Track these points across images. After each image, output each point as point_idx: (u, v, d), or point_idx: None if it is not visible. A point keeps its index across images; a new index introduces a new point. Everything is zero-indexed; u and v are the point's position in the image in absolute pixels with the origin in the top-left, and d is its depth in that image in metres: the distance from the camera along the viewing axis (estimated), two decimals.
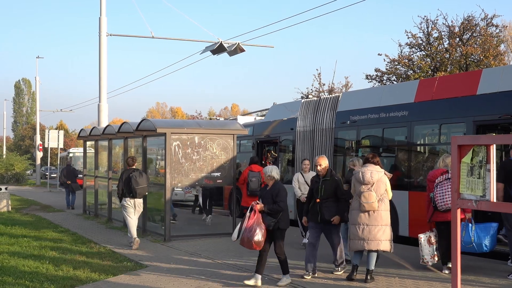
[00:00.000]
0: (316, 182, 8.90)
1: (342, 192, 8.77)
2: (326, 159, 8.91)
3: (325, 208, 8.67)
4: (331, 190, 8.73)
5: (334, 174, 8.93)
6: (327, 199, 8.71)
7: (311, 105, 15.58)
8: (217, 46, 18.80)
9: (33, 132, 68.66)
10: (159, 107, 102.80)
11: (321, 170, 8.85)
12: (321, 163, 8.81)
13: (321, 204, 8.70)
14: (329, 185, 8.76)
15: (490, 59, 26.09)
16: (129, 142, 15.92)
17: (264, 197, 8.37)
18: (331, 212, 8.68)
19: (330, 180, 8.77)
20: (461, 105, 11.29)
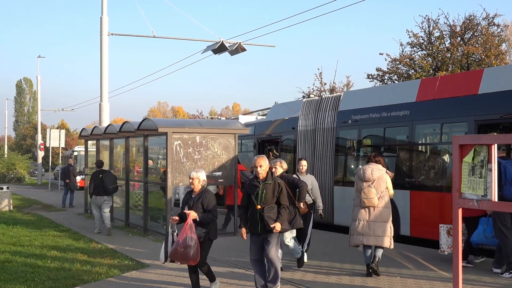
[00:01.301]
0: (255, 186, 7.59)
1: (285, 198, 7.63)
2: (267, 159, 7.67)
3: (268, 215, 7.46)
4: (274, 195, 7.55)
5: (276, 177, 7.77)
6: (269, 205, 7.51)
7: (312, 105, 15.58)
8: (218, 45, 18.80)
9: (34, 132, 68.72)
10: (160, 107, 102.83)
11: (262, 172, 7.57)
12: (261, 164, 7.57)
13: (263, 211, 7.46)
14: (271, 189, 7.54)
15: (491, 59, 26.08)
16: (130, 141, 15.93)
17: (192, 205, 7.46)
18: (273, 220, 7.50)
19: (272, 184, 7.57)
20: (463, 104, 11.29)
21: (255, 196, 7.53)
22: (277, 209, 7.55)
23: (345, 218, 13.94)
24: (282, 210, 7.56)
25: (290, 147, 16.61)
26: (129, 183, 15.73)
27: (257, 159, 7.66)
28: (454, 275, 4.46)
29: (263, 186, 7.53)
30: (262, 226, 7.46)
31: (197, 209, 7.36)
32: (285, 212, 7.62)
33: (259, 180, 7.60)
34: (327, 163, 14.60)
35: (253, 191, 7.60)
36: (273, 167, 8.72)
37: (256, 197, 7.53)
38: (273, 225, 7.39)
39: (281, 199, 7.58)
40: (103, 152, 18.56)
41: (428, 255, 10.45)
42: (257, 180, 7.63)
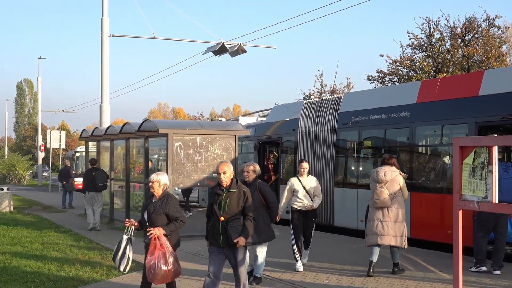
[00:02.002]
0: (217, 195, 6.81)
1: (251, 208, 6.85)
2: (231, 165, 6.94)
3: (232, 228, 6.69)
4: (238, 205, 6.77)
5: (241, 185, 6.94)
6: (234, 216, 6.74)
7: (313, 106, 15.58)
8: (219, 46, 18.80)
9: (35, 133, 68.72)
10: (161, 108, 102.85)
11: (225, 179, 6.76)
12: (224, 170, 6.76)
13: (226, 223, 6.69)
14: (235, 198, 6.75)
15: (492, 60, 26.07)
16: (131, 142, 15.93)
17: (152, 211, 6.83)
18: (238, 233, 6.72)
19: (236, 192, 6.77)
20: (463, 106, 11.28)
21: (217, 205, 6.75)
22: (242, 220, 6.76)
23: (346, 219, 13.96)
24: (247, 222, 6.74)
25: (290, 149, 16.61)
26: (130, 184, 15.72)
27: (220, 164, 6.87)
28: (454, 277, 4.46)
29: (226, 195, 6.74)
30: (224, 239, 6.68)
31: (158, 216, 6.75)
32: (251, 225, 6.79)
33: (222, 188, 6.80)
34: (328, 164, 14.59)
35: (215, 200, 6.81)
36: (245, 172, 8.23)
37: (218, 207, 6.75)
38: (237, 239, 6.61)
39: (247, 210, 6.78)
40: (103, 153, 18.57)
41: (429, 257, 10.45)
42: (220, 188, 6.82)
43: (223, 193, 6.78)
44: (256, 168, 8.32)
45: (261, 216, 8.06)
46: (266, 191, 8.26)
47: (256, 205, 7.80)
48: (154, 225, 6.72)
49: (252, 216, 6.85)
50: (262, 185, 8.30)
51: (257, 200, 7.97)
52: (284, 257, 10.61)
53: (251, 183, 8.12)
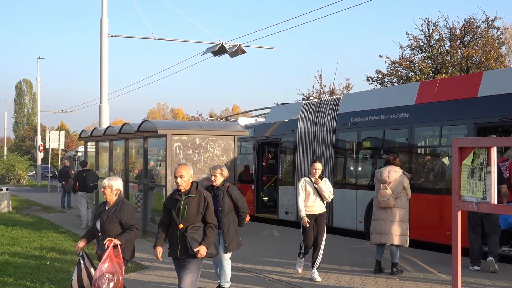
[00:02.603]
0: (176, 201, 6.27)
1: (212, 215, 6.29)
2: (190, 168, 6.36)
3: (191, 236, 6.13)
4: (198, 212, 6.22)
5: (202, 190, 6.37)
6: (193, 223, 6.20)
7: (312, 107, 15.58)
8: (218, 47, 18.81)
9: (34, 133, 68.70)
10: (160, 108, 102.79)
11: (183, 184, 6.22)
12: (182, 173, 6.21)
13: (185, 231, 6.13)
14: (195, 204, 6.20)
15: (491, 61, 26.11)
16: (130, 143, 15.93)
17: (106, 219, 6.35)
18: (199, 242, 6.15)
19: (196, 198, 6.22)
20: (462, 107, 11.29)
21: (176, 212, 6.20)
22: (203, 229, 6.21)
23: (344, 220, 13.96)
24: (208, 231, 6.18)
25: (289, 149, 16.61)
26: (129, 184, 15.72)
27: (177, 167, 6.29)
28: (453, 277, 4.47)
29: (185, 201, 6.19)
30: (182, 249, 6.15)
31: (112, 224, 6.28)
32: (212, 233, 6.23)
33: (180, 193, 6.26)
34: (327, 165, 14.59)
35: (173, 206, 6.27)
36: (212, 175, 7.74)
37: (177, 213, 6.20)
38: (197, 249, 6.07)
39: (208, 217, 6.22)
40: (102, 153, 18.55)
41: (427, 258, 10.46)
42: (178, 193, 6.28)
43: (181, 198, 6.23)
44: (224, 172, 7.78)
45: (231, 222, 7.66)
46: (236, 195, 7.72)
47: (227, 210, 7.58)
48: (106, 234, 6.25)
49: (214, 224, 6.26)
50: (232, 189, 7.76)
51: (227, 205, 7.61)
52: (283, 257, 10.61)
53: (220, 187, 7.69)
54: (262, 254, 11.08)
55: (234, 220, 7.75)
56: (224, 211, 7.58)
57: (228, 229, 7.63)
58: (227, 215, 7.62)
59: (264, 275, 9.02)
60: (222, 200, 7.61)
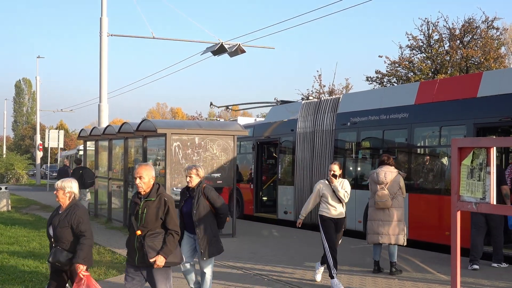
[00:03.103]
0: (135, 204, 5.79)
1: (173, 221, 5.73)
2: (152, 169, 5.87)
3: (149, 244, 5.63)
4: (157, 217, 5.69)
5: (163, 193, 5.81)
6: (152, 230, 5.69)
7: (311, 107, 15.59)
8: (217, 47, 18.81)
9: (33, 132, 68.73)
10: (159, 108, 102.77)
11: (142, 186, 5.73)
12: (141, 174, 5.72)
13: (143, 238, 5.65)
14: (154, 208, 5.69)
15: (490, 62, 26.13)
16: (129, 142, 15.93)
17: (57, 224, 5.87)
18: (156, 251, 5.65)
19: (156, 202, 5.71)
20: (462, 107, 11.30)
21: (134, 217, 5.73)
22: (164, 236, 5.70)
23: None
24: (168, 238, 5.66)
25: (289, 149, 16.61)
26: (128, 184, 15.72)
27: (137, 167, 5.79)
28: (452, 278, 4.47)
29: (144, 204, 5.70)
30: (140, 257, 5.66)
31: (63, 229, 5.80)
32: (172, 241, 5.68)
33: (140, 195, 5.77)
34: (326, 165, 14.59)
35: (133, 210, 5.80)
36: (187, 176, 7.18)
37: (135, 218, 5.72)
38: (154, 259, 5.57)
39: (168, 223, 5.69)
40: (101, 152, 18.56)
41: (427, 258, 10.46)
42: (138, 196, 5.80)
43: (140, 202, 5.73)
44: (200, 172, 7.19)
45: (209, 225, 7.06)
46: (213, 196, 7.09)
47: (203, 212, 6.99)
48: (59, 241, 5.82)
49: (175, 230, 5.72)
50: (208, 190, 7.11)
51: (203, 207, 7.03)
52: (282, 257, 10.61)
53: (195, 189, 7.10)
54: (261, 253, 11.09)
55: (211, 223, 7.09)
56: (200, 214, 6.98)
57: (204, 234, 6.98)
58: (203, 218, 7.00)
59: (263, 275, 9.02)
60: (197, 202, 7.02)
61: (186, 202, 7.16)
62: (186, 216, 7.10)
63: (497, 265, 9.52)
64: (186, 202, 7.15)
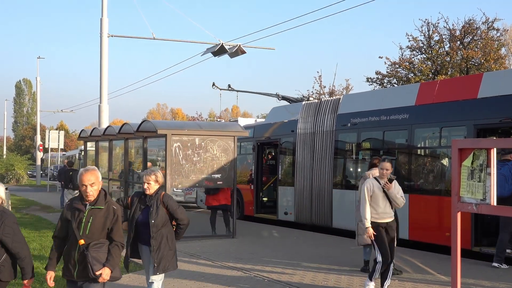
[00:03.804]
0: (78, 211, 5.25)
1: (119, 232, 5.27)
2: (99, 174, 5.33)
3: (94, 257, 5.13)
4: (104, 227, 5.23)
5: (111, 201, 5.33)
6: (97, 240, 5.20)
7: (311, 108, 15.59)
8: (218, 47, 18.80)
9: (33, 133, 68.72)
10: (159, 108, 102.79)
11: (91, 192, 5.21)
12: (92, 180, 5.20)
13: (86, 248, 5.13)
14: (102, 217, 5.22)
15: (490, 63, 26.13)
16: (129, 143, 15.92)
17: None
18: (102, 264, 5.16)
19: (104, 210, 5.24)
20: (462, 108, 11.30)
21: (77, 224, 5.18)
22: (108, 247, 5.23)
23: (344, 221, 13.95)
24: (114, 250, 5.21)
25: (289, 150, 16.61)
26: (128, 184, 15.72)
27: (84, 173, 5.23)
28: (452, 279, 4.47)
29: (90, 212, 5.20)
30: (80, 270, 5.15)
31: None
32: (118, 253, 5.26)
33: (84, 202, 5.26)
34: (326, 166, 14.60)
35: (74, 216, 5.22)
36: (145, 182, 6.44)
37: (78, 226, 5.18)
38: (99, 272, 5.09)
39: (115, 233, 5.24)
40: (102, 153, 18.55)
41: (427, 259, 10.45)
42: (82, 202, 5.27)
43: (85, 209, 5.22)
44: (159, 177, 6.48)
45: (165, 237, 6.39)
46: (172, 205, 6.44)
47: (160, 222, 6.34)
48: None
49: (121, 242, 5.28)
50: (167, 198, 6.48)
51: (161, 217, 6.37)
52: (283, 258, 10.61)
53: (153, 196, 6.42)
54: (261, 254, 11.08)
55: (169, 235, 6.45)
56: (157, 225, 6.31)
57: (159, 246, 6.33)
58: (161, 229, 6.35)
59: (263, 276, 9.01)
60: (155, 211, 6.33)
61: (142, 211, 6.46)
62: (141, 226, 6.42)
63: (498, 265, 9.53)
64: (142, 210, 6.46)
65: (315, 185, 14.86)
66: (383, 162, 7.97)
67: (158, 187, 6.48)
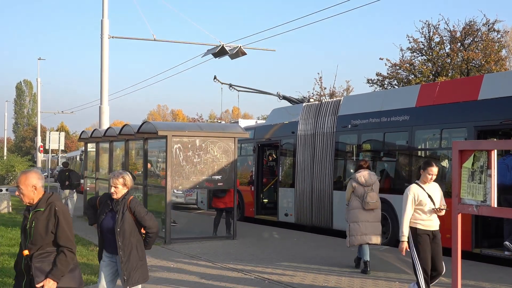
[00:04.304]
0: (24, 218, 4.91)
1: (65, 235, 4.76)
2: (35, 175, 4.87)
3: (37, 266, 4.71)
4: (47, 232, 4.74)
5: (55, 201, 4.82)
6: (41, 247, 4.76)
7: (312, 109, 15.59)
8: (218, 49, 18.83)
9: (34, 134, 68.79)
10: (160, 110, 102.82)
11: (29, 194, 4.81)
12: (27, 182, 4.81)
13: (31, 258, 4.74)
14: (44, 220, 4.75)
15: (491, 64, 26.13)
16: (130, 144, 15.93)
17: None
18: (45, 274, 4.72)
19: (45, 213, 4.77)
20: (462, 110, 11.30)
21: (23, 233, 4.83)
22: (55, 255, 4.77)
23: (344, 222, 13.92)
24: (59, 258, 4.73)
25: (289, 151, 16.61)
26: None
27: (21, 175, 4.86)
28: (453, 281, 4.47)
29: (33, 216, 4.76)
30: (27, 283, 4.77)
31: None
32: (65, 261, 4.75)
33: (28, 207, 4.87)
34: (327, 167, 14.60)
35: (22, 225, 4.90)
36: (112, 186, 5.88)
37: (24, 234, 4.81)
38: (41, 284, 4.64)
39: (60, 237, 4.74)
40: (102, 154, 18.58)
41: None
42: (27, 208, 4.92)
43: (29, 214, 4.82)
44: (127, 181, 5.93)
45: (134, 247, 5.80)
46: (139, 211, 5.84)
47: (128, 230, 5.76)
48: None
49: (68, 247, 4.76)
50: (134, 203, 5.87)
51: (128, 224, 5.78)
52: (283, 259, 10.61)
53: (119, 201, 5.86)
54: (261, 256, 11.08)
55: (138, 244, 5.86)
56: (124, 233, 5.74)
57: (129, 257, 5.76)
58: (129, 237, 5.77)
59: (263, 277, 9.01)
60: (121, 218, 5.76)
61: (107, 216, 5.89)
62: (106, 233, 5.87)
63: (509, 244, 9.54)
64: (107, 216, 5.89)
65: (316, 186, 14.86)
66: (430, 166, 7.13)
67: (126, 191, 5.92)
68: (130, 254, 5.79)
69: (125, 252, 5.76)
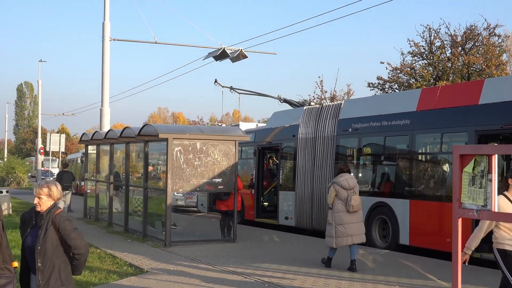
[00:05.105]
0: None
1: None
2: None
3: None
4: None
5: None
6: None
7: (313, 113, 15.60)
8: (220, 52, 18.87)
9: (34, 136, 68.76)
10: (161, 112, 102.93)
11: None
12: None
13: None
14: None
15: (492, 69, 26.15)
16: (130, 146, 15.94)
17: None
18: None
19: None
20: (463, 114, 11.31)
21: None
22: None
23: None
24: None
25: (290, 155, 16.62)
26: (129, 188, 15.73)
27: None
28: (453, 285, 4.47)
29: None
30: None
31: None
32: None
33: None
34: (327, 171, 14.60)
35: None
36: (36, 197, 4.98)
37: None
38: None
39: None
40: (103, 157, 18.59)
41: (427, 265, 10.45)
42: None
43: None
44: (53, 191, 5.02)
45: (57, 269, 4.92)
46: (65, 228, 4.92)
47: (50, 250, 4.89)
48: None
49: None
50: (60, 219, 4.94)
51: (50, 242, 4.90)
52: (283, 263, 10.61)
53: (44, 215, 4.96)
54: (261, 259, 11.08)
55: (62, 265, 4.98)
56: (46, 252, 4.88)
57: (48, 280, 4.88)
58: (51, 257, 4.90)
59: (263, 280, 9.01)
60: (44, 234, 4.90)
61: (30, 233, 5.03)
62: (28, 251, 5.03)
63: None
64: (31, 232, 5.02)
65: (316, 190, 14.87)
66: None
67: (52, 204, 5.01)
68: (50, 277, 4.89)
69: (44, 274, 4.88)
